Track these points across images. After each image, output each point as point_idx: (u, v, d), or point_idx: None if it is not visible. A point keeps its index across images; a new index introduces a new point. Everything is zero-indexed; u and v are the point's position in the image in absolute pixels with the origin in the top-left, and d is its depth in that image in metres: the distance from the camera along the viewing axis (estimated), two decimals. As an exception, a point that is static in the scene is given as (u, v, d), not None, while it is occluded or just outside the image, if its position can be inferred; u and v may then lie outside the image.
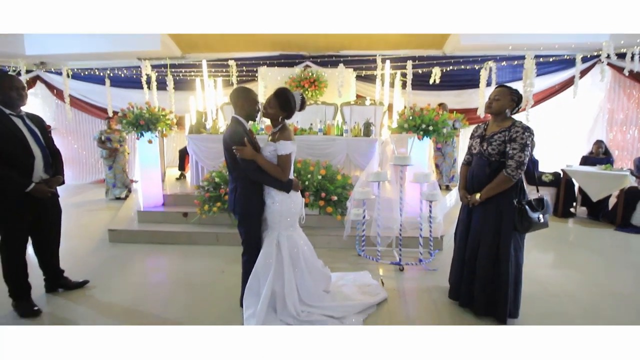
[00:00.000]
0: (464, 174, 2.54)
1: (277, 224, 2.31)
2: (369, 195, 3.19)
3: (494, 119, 2.37)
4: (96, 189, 6.89)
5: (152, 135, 4.22)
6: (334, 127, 4.62)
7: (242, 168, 2.18)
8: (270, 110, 2.24)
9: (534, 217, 2.24)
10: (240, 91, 2.28)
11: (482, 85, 5.90)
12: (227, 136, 2.19)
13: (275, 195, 2.26)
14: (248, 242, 2.35)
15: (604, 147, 5.66)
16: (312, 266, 2.45)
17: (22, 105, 2.36)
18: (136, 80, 6.96)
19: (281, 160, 2.19)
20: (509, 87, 2.33)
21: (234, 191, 2.27)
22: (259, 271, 2.29)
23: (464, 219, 2.49)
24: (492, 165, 2.30)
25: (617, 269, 3.36)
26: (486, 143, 2.32)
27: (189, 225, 4.02)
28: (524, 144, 2.17)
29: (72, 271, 2.88)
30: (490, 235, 2.30)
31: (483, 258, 2.33)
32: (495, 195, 2.27)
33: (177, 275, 3.11)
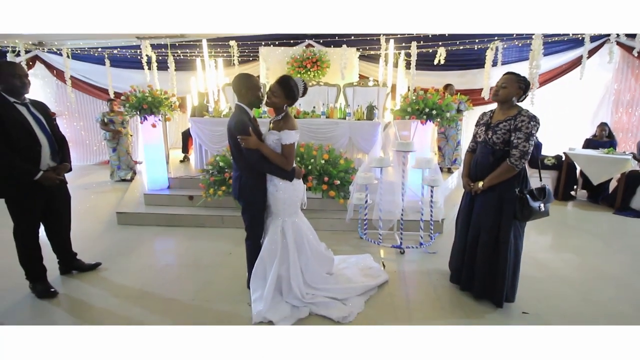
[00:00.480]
0: (467, 161, 2.56)
1: (281, 210, 2.38)
2: (371, 180, 3.23)
3: (500, 107, 2.35)
4: (101, 171, 6.96)
5: (156, 119, 4.23)
6: (337, 110, 4.60)
7: (246, 157, 2.21)
8: (275, 100, 2.24)
9: (534, 207, 2.25)
10: (243, 78, 2.27)
11: (487, 65, 5.81)
12: (232, 125, 2.20)
13: (278, 183, 2.31)
14: (252, 228, 2.42)
15: (608, 130, 5.63)
16: (315, 250, 2.54)
17: (25, 92, 2.37)
18: (136, 60, 6.87)
19: (285, 150, 2.21)
20: (516, 74, 2.28)
21: (239, 179, 2.31)
22: (264, 256, 2.39)
23: (466, 205, 2.53)
24: (496, 154, 2.31)
25: (614, 253, 3.45)
26: (491, 131, 2.32)
27: (194, 207, 4.11)
28: (529, 134, 2.16)
29: (84, 253, 2.99)
30: (491, 222, 2.34)
31: (483, 244, 2.38)
32: (498, 184, 2.29)
33: (185, 258, 3.22)
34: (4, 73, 2.25)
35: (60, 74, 7.22)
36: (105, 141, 5.91)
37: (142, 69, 6.55)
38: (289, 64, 6.69)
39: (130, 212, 4.05)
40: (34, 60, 7.21)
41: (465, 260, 2.52)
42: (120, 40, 7.07)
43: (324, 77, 6.65)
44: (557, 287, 2.75)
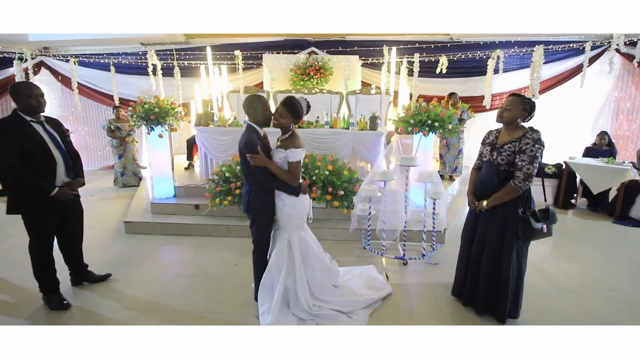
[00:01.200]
0: (473, 179, 2.59)
1: (288, 224, 2.46)
2: (375, 193, 3.30)
3: (505, 128, 2.38)
4: (105, 176, 7.02)
5: (162, 129, 4.30)
6: (341, 120, 4.67)
7: (254, 174, 2.31)
8: (282, 120, 2.34)
9: (537, 227, 2.29)
10: (252, 100, 2.39)
11: (489, 74, 5.87)
12: (242, 144, 2.30)
13: (286, 198, 2.40)
14: (259, 241, 2.52)
15: (608, 139, 5.69)
16: (321, 263, 2.62)
17: (41, 111, 2.45)
18: (141, 67, 6.95)
19: (292, 167, 2.31)
20: (520, 96, 2.30)
21: (248, 194, 2.42)
22: (272, 269, 2.47)
23: (470, 222, 2.57)
24: (501, 175, 2.34)
25: (614, 263, 3.51)
26: (496, 152, 2.35)
27: (200, 217, 4.18)
28: (534, 156, 2.19)
29: (94, 263, 3.06)
30: (494, 241, 2.39)
31: (486, 262, 2.43)
32: (502, 203, 2.33)
33: (193, 268, 3.29)
34: (21, 94, 2.33)
35: (65, 80, 7.29)
36: (112, 148, 5.99)
37: (147, 75, 6.63)
38: (292, 71, 6.75)
39: (138, 221, 4.12)
40: (39, 65, 7.29)
41: (469, 277, 2.57)
42: (125, 47, 7.16)
43: (326, 84, 6.72)
44: (557, 298, 2.82)
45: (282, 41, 7.10)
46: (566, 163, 5.28)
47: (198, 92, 6.66)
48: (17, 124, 2.32)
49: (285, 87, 6.65)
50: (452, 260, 3.24)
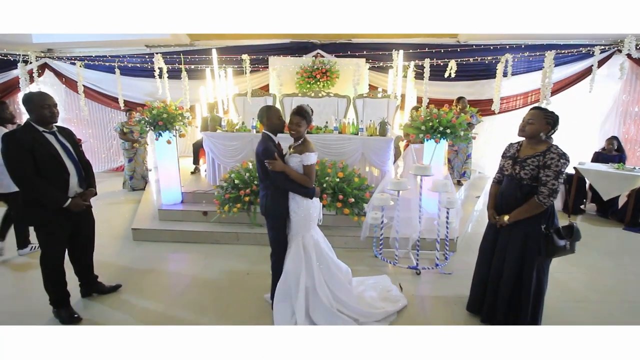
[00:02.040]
0: (493, 193, 2.53)
1: (302, 227, 2.53)
2: (387, 202, 3.26)
3: (527, 142, 2.32)
4: (111, 179, 6.99)
5: (170, 135, 4.26)
6: (350, 126, 4.63)
7: (272, 178, 2.42)
8: (301, 129, 2.46)
9: (560, 245, 2.23)
10: (266, 110, 2.52)
11: (498, 78, 5.81)
12: (260, 151, 2.42)
13: (300, 200, 2.49)
14: (277, 243, 2.58)
15: (617, 144, 5.64)
16: (333, 260, 2.66)
17: (54, 122, 2.41)
18: (146, 69, 6.90)
19: (307, 170, 2.43)
20: (543, 110, 2.25)
21: (265, 197, 2.53)
22: (289, 273, 2.51)
23: (490, 236, 2.51)
24: (524, 189, 2.28)
25: (627, 272, 3.47)
26: (519, 166, 2.29)
27: (209, 224, 4.14)
28: (559, 172, 2.14)
29: (103, 273, 3.02)
30: (515, 257, 2.33)
31: (506, 278, 2.38)
32: (524, 219, 2.27)
33: (204, 277, 3.25)
34: (35, 104, 2.29)
35: (69, 82, 7.25)
36: (124, 151, 5.95)
37: (152, 77, 6.58)
38: (299, 74, 6.71)
39: (146, 228, 4.08)
40: (43, 67, 7.25)
41: (488, 294, 2.52)
42: (130, 49, 7.12)
43: (333, 87, 6.68)
44: (574, 311, 2.78)
45: (287, 43, 7.06)
46: (576, 169, 5.23)
47: (203, 95, 6.62)
48: (30, 135, 2.28)
49: (292, 90, 6.60)
50: (464, 270, 3.23)
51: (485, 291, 2.55)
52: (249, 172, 4.00)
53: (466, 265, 3.36)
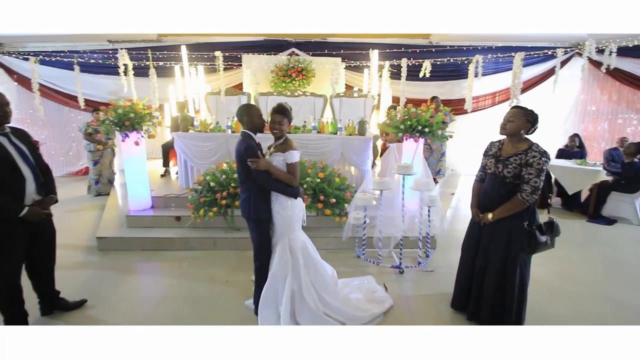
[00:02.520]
0: (476, 191, 2.55)
1: (287, 228, 2.45)
2: (370, 202, 3.23)
3: (509, 140, 2.35)
4: (72, 183, 6.50)
5: (138, 136, 3.99)
6: (328, 125, 4.56)
7: (255, 178, 2.32)
8: (283, 128, 2.39)
9: (542, 241, 2.29)
10: (246, 109, 2.43)
11: (470, 78, 5.97)
12: (242, 150, 2.31)
13: (285, 201, 2.41)
14: (261, 246, 2.48)
15: (578, 141, 5.97)
16: (318, 260, 2.61)
17: (6, 122, 2.15)
18: (109, 66, 6.47)
19: (292, 168, 2.36)
20: (523, 108, 2.28)
21: (248, 200, 2.41)
22: (276, 276, 2.42)
23: (473, 234, 2.53)
24: (507, 187, 2.31)
25: (594, 262, 3.66)
26: (501, 165, 2.31)
27: (183, 229, 3.91)
28: (540, 169, 2.18)
29: (65, 288, 2.75)
30: (499, 253, 2.36)
31: (491, 274, 2.41)
32: (508, 216, 2.31)
33: (179, 288, 3.05)
34: None
35: (22, 80, 6.67)
36: (88, 153, 5.52)
37: (115, 74, 6.18)
38: (274, 73, 6.56)
39: (112, 236, 3.79)
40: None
41: (473, 292, 2.53)
42: (91, 44, 6.65)
43: (309, 86, 6.59)
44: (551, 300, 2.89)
45: (261, 41, 6.88)
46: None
47: (173, 94, 6.31)
48: None
49: (267, 89, 6.45)
50: (446, 268, 3.26)
51: (470, 288, 2.57)
52: (225, 174, 3.83)
53: (447, 262, 3.40)
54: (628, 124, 6.82)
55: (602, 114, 7.06)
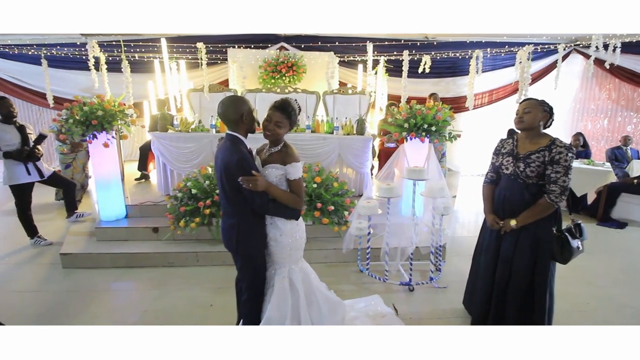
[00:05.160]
0: (489, 195, 2.29)
1: (287, 258, 1.95)
2: (375, 211, 2.84)
3: (525, 135, 2.13)
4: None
5: (108, 137, 3.50)
6: (324, 124, 4.16)
7: (249, 201, 1.77)
8: (281, 131, 1.83)
9: (574, 247, 2.06)
10: (237, 103, 1.81)
11: (471, 74, 5.67)
12: (232, 162, 1.72)
13: (283, 225, 1.89)
14: (256, 286, 1.96)
15: (582, 140, 5.74)
16: (324, 296, 2.12)
17: None
18: (81, 60, 5.90)
19: (296, 186, 1.84)
20: (536, 99, 2.11)
21: (235, 227, 1.84)
22: (272, 319, 1.92)
23: (491, 244, 2.26)
24: (531, 189, 2.08)
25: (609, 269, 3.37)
26: (522, 163, 2.07)
27: (161, 243, 3.45)
28: (568, 166, 1.98)
29: (19, 317, 2.31)
30: (526, 264, 2.12)
31: (515, 289, 2.16)
32: (532, 222, 2.07)
33: (156, 311, 2.61)
34: None
35: (-17, 75, 6.06)
36: (60, 155, 4.95)
37: (88, 70, 5.62)
38: (262, 68, 6.12)
39: (79, 252, 3.29)
40: (-55, 57, 5.98)
41: (493, 308, 2.26)
42: (60, 37, 6.07)
43: (299, 83, 6.17)
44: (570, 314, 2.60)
45: (248, 35, 6.42)
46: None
47: (152, 91, 5.81)
48: None
49: (255, 86, 6.00)
50: (460, 282, 2.89)
51: (489, 306, 2.29)
52: (209, 179, 3.39)
53: (460, 275, 3.04)
54: (628, 122, 6.65)
55: (601, 112, 6.88)
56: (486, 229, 2.34)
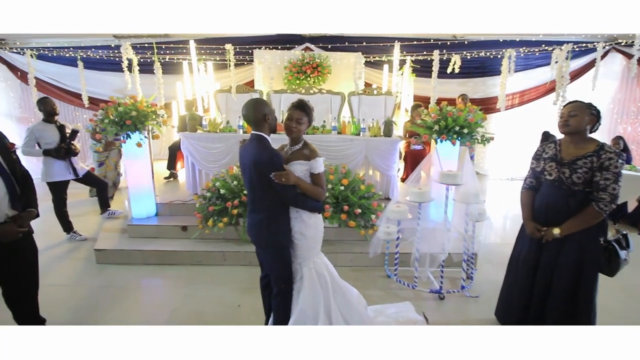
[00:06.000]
0: (529, 201, 2.20)
1: (311, 250, 2.04)
2: (405, 215, 2.77)
3: (570, 140, 2.03)
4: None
5: (141, 137, 3.60)
6: (350, 125, 4.11)
7: (281, 195, 1.88)
8: (302, 128, 1.97)
9: (622, 257, 1.96)
10: (261, 105, 1.96)
11: (503, 74, 5.45)
12: (265, 161, 1.83)
13: (307, 219, 2.00)
14: (285, 279, 2.04)
15: (622, 144, 5.42)
16: (345, 284, 2.20)
17: None
18: (114, 62, 6.12)
19: (319, 179, 1.97)
20: (582, 102, 2.02)
21: (264, 223, 1.95)
22: (306, 311, 2.00)
23: (530, 253, 2.16)
24: (577, 196, 1.98)
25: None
26: (568, 169, 1.97)
27: (189, 241, 3.51)
28: (618, 173, 1.90)
29: (56, 312, 2.39)
30: (569, 276, 2.02)
31: (557, 300, 2.07)
32: (576, 231, 1.97)
33: (185, 313, 2.64)
34: None
35: (25, 76, 6.35)
36: (94, 154, 5.16)
37: (121, 71, 5.82)
38: (287, 69, 6.14)
39: (112, 248, 3.40)
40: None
41: (531, 322, 2.19)
42: (95, 40, 6.31)
43: (324, 83, 6.15)
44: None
45: (273, 36, 6.46)
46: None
47: (180, 91, 5.95)
48: None
49: (279, 87, 6.03)
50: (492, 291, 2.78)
51: (526, 321, 2.21)
52: (237, 179, 3.41)
53: (492, 284, 2.91)
54: (671, 125, 6.24)
55: (642, 114, 6.48)
56: (524, 237, 2.24)
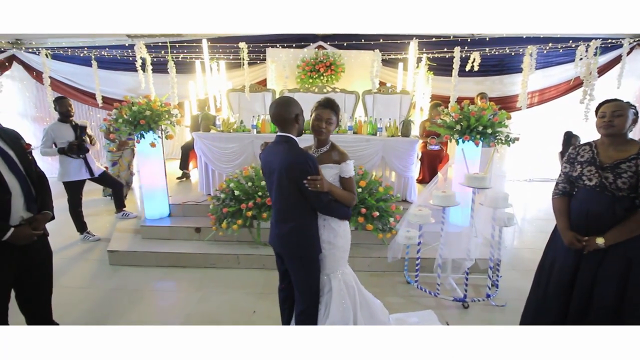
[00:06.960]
0: (564, 208, 2.01)
1: (339, 260, 1.93)
2: (427, 219, 2.65)
3: (609, 142, 1.86)
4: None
5: (155, 137, 3.55)
6: (366, 125, 3.99)
7: (313, 203, 1.75)
8: (331, 128, 1.85)
9: None
10: (291, 104, 1.78)
11: (525, 71, 5.26)
12: (298, 163, 1.68)
13: (337, 227, 1.87)
14: (312, 294, 1.90)
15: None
16: (365, 292, 2.10)
17: None
18: (128, 62, 6.11)
19: (349, 184, 1.86)
20: (622, 100, 1.86)
21: (296, 231, 1.80)
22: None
23: (566, 263, 1.98)
24: (623, 203, 1.81)
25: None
26: (611, 174, 1.81)
27: (203, 243, 3.44)
28: None
29: (68, 315, 2.35)
30: (613, 290, 1.85)
31: (598, 316, 1.89)
32: (621, 241, 1.81)
33: (200, 315, 2.58)
34: None
35: (41, 76, 6.41)
36: (108, 153, 5.15)
37: (134, 71, 5.81)
38: (300, 68, 6.05)
39: (125, 250, 3.36)
40: (10, 60, 6.39)
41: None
42: (109, 40, 6.32)
43: (337, 82, 6.04)
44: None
45: (286, 35, 6.37)
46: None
47: (193, 91, 5.91)
48: None
49: (292, 85, 5.94)
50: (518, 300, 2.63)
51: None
52: (251, 180, 3.33)
53: (519, 293, 2.76)
54: None
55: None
56: (558, 247, 2.06)
